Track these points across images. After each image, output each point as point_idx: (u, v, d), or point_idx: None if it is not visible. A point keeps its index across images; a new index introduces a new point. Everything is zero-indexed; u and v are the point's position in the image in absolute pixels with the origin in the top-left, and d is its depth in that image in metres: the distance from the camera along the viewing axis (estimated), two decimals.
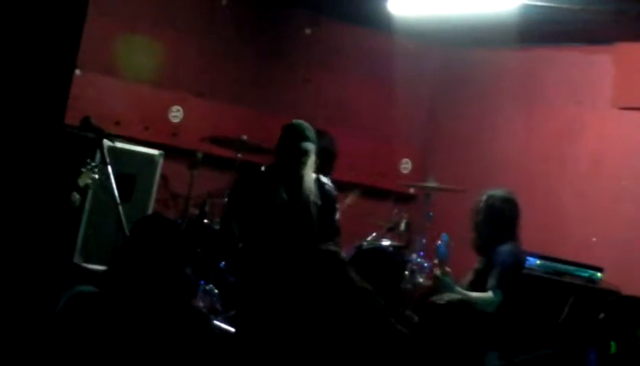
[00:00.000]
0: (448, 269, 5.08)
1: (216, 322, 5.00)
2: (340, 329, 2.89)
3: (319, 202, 5.24)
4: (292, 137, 5.14)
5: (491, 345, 4.72)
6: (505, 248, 5.16)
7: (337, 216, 5.39)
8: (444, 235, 5.25)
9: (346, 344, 2.88)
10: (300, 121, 5.27)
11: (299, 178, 5.16)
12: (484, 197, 5.31)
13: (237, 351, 3.01)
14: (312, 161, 5.17)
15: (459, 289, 5.03)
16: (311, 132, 5.18)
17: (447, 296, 3.12)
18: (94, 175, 5.01)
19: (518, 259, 5.24)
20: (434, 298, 3.10)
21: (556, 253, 5.32)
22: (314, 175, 5.26)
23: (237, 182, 5.47)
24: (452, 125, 8.11)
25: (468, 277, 5.32)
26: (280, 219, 5.12)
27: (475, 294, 5.06)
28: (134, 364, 2.86)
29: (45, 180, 4.63)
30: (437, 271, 5.11)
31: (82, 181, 5.00)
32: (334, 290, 2.92)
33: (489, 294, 5.07)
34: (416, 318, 3.06)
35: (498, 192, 5.33)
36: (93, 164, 5.05)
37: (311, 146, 5.12)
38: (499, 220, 5.22)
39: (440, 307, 3.04)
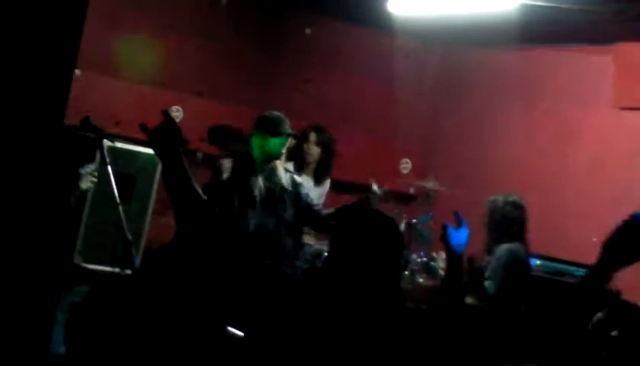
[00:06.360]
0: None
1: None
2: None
3: (290, 188, 5.40)
4: (270, 128, 5.26)
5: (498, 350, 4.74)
6: (504, 247, 5.25)
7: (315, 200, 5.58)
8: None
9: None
10: (276, 112, 5.37)
11: (275, 166, 5.32)
12: (488, 202, 5.40)
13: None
14: (284, 150, 5.36)
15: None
16: (286, 122, 5.30)
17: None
18: (93, 179, 5.11)
19: (517, 258, 5.28)
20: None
21: (556, 253, 5.31)
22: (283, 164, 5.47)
23: (215, 175, 5.52)
24: (452, 125, 8.11)
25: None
26: (261, 206, 5.26)
27: None
28: None
29: (45, 180, 4.63)
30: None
31: (84, 184, 5.10)
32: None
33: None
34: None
35: (501, 196, 5.43)
36: (92, 167, 5.14)
37: (286, 136, 5.29)
38: (501, 223, 5.30)
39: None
